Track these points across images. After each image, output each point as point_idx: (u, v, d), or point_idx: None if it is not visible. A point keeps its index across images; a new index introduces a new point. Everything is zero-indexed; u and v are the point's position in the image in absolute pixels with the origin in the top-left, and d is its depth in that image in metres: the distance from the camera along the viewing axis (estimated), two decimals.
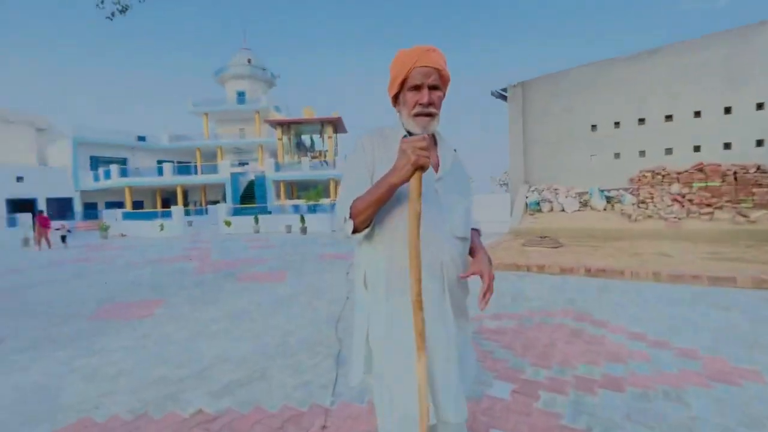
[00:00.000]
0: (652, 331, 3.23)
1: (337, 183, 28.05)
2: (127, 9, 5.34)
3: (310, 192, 20.05)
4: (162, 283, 6.10)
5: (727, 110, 8.90)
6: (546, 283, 5.10)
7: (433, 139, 1.25)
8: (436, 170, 1.17)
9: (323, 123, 27.44)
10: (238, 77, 35.73)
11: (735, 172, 8.39)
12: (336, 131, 28.90)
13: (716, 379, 2.39)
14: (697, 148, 9.23)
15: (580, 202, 10.00)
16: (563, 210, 10.17)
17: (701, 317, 3.53)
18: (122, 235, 18.09)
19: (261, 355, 3.02)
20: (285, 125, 27.65)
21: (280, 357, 2.97)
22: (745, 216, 7.64)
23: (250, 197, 24.82)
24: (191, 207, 30.94)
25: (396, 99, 1.24)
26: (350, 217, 1.09)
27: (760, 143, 8.57)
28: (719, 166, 8.65)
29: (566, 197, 10.24)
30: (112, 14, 5.29)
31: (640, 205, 8.89)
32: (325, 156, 28.45)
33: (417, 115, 1.14)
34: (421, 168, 0.98)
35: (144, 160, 32.05)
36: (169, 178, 27.85)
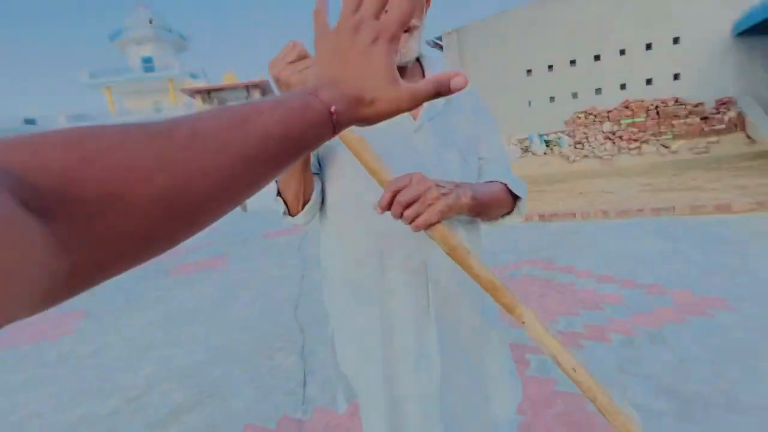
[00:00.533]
0: (616, 271, 3.25)
1: None
2: None
3: None
4: None
5: (648, 46, 9.30)
6: (504, 234, 5.07)
7: (420, 71, 0.83)
8: (415, 116, 0.78)
9: (249, 88, 25.19)
10: (140, 41, 31.23)
11: (657, 107, 8.93)
12: (265, 96, 26.77)
13: (689, 313, 2.40)
14: (623, 86, 9.65)
15: (521, 149, 10.20)
16: None
17: (656, 250, 3.64)
18: None
19: (209, 364, 2.56)
20: (205, 93, 24.97)
21: (233, 363, 2.53)
22: (667, 147, 8.22)
23: None
24: None
25: None
26: (278, 194, 0.77)
27: (676, 77, 9.13)
28: (643, 101, 9.14)
29: (508, 146, 10.37)
30: None
31: (577, 146, 9.24)
32: None
33: None
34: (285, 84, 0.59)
35: None
36: None
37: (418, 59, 0.83)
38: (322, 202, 0.81)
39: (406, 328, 0.77)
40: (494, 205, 0.76)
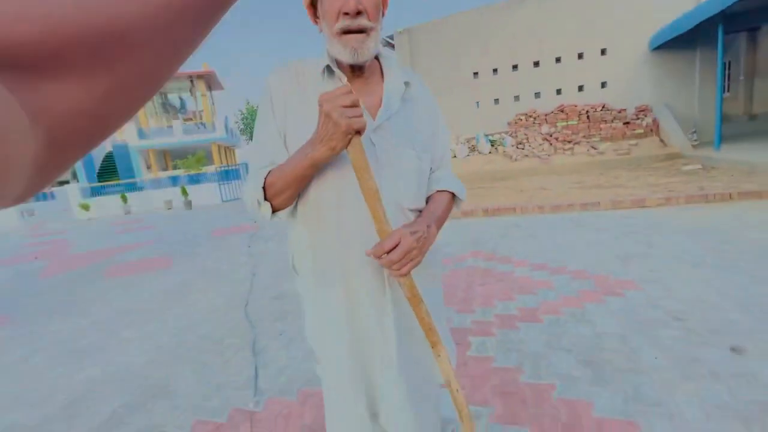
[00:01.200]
0: (550, 259, 3.57)
1: (221, 148, 25.22)
2: None
3: (189, 160, 17.62)
4: None
5: (580, 56, 10.15)
6: (449, 228, 5.33)
7: (378, 68, 0.91)
8: (374, 116, 0.86)
9: (192, 78, 23.79)
10: None
11: (587, 112, 9.77)
12: (210, 88, 25.43)
13: (607, 293, 2.73)
14: (558, 91, 10.44)
15: (469, 148, 10.68)
16: (455, 156, 10.76)
17: (582, 240, 4.05)
18: None
19: (154, 364, 2.48)
20: None
21: (180, 362, 2.47)
22: (595, 149, 9.04)
23: (110, 172, 20.77)
24: None
25: (314, 10, 0.86)
26: (265, 199, 0.82)
27: (603, 85, 10.06)
28: (576, 106, 9.97)
29: (457, 145, 10.81)
30: None
31: (518, 146, 9.87)
32: (201, 117, 25.05)
33: (343, 32, 0.79)
34: (357, 132, 0.71)
35: None
36: None
37: (376, 57, 0.90)
38: None
39: (367, 305, 0.86)
40: (446, 217, 0.93)
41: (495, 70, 10.95)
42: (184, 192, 12.75)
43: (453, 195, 0.96)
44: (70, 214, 14.46)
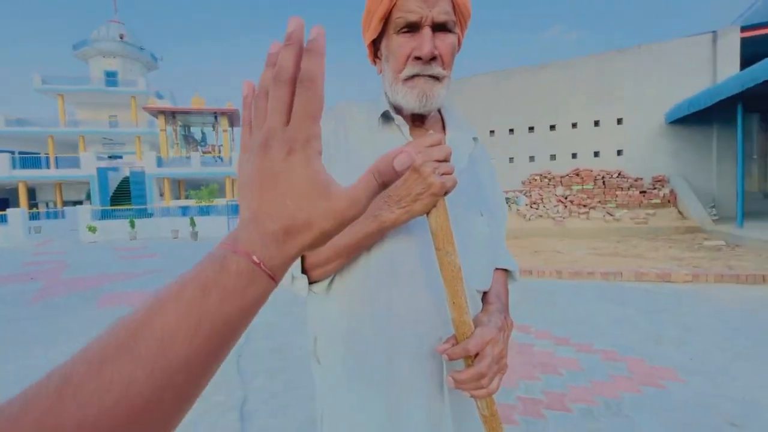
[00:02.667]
0: (573, 333, 3.28)
1: (234, 181, 25.67)
2: None
3: (202, 191, 17.83)
4: None
5: (596, 123, 10.33)
6: None
7: (440, 119, 0.78)
8: None
9: (217, 114, 24.83)
10: (106, 54, 30.26)
11: (603, 177, 9.75)
12: (232, 125, 26.44)
13: (643, 383, 2.42)
14: (574, 155, 10.52)
15: None
16: None
17: (607, 314, 3.75)
18: None
19: None
20: (169, 114, 24.27)
21: None
22: (611, 215, 8.89)
23: (124, 197, 21.05)
24: (41, 209, 25.14)
25: (375, 49, 0.73)
26: (303, 272, 0.63)
27: (620, 153, 10.12)
28: (591, 171, 9.97)
29: None
30: None
31: (532, 205, 9.77)
32: (219, 151, 25.80)
33: (411, 77, 0.66)
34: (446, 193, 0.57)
35: None
36: (6, 171, 22.18)
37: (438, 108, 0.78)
38: None
39: (416, 418, 0.64)
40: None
41: (511, 130, 11.16)
42: (193, 223, 12.72)
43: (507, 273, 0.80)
44: (77, 234, 14.44)
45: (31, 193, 26.29)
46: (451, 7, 0.66)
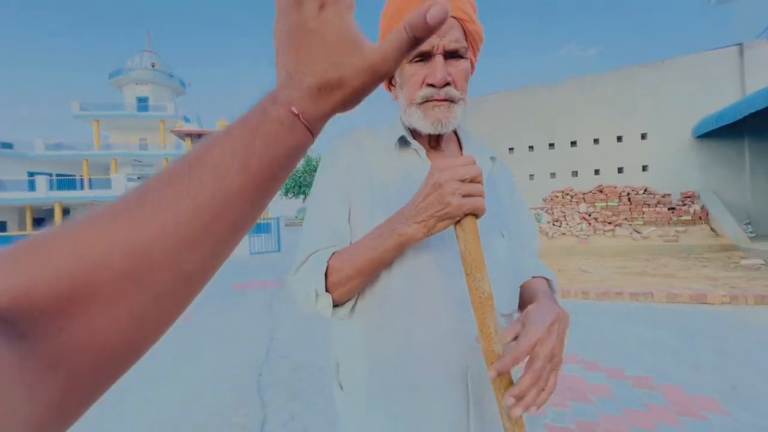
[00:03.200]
0: (602, 357, 3.13)
1: None
2: None
3: None
4: None
5: (619, 138, 10.11)
6: None
7: (456, 140, 0.79)
8: None
9: None
10: (139, 81, 32.01)
11: (628, 194, 9.47)
12: None
13: (682, 414, 2.27)
14: (597, 172, 10.29)
15: None
16: None
17: (638, 337, 3.57)
18: None
19: None
20: (195, 136, 25.25)
21: None
22: (639, 232, 8.58)
23: None
24: None
25: (389, 79, 0.76)
26: (326, 290, 0.63)
27: (645, 168, 9.84)
28: (615, 187, 9.71)
29: None
30: None
31: (555, 223, 9.54)
32: None
33: (426, 101, 0.67)
34: (475, 215, 0.56)
35: (11, 171, 26.55)
36: (44, 192, 23.39)
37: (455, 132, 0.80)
38: None
39: None
40: None
41: (531, 147, 11.05)
42: None
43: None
44: None
45: (66, 212, 27.57)
46: (462, 34, 0.67)
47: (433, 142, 0.74)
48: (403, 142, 0.73)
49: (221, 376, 3.05)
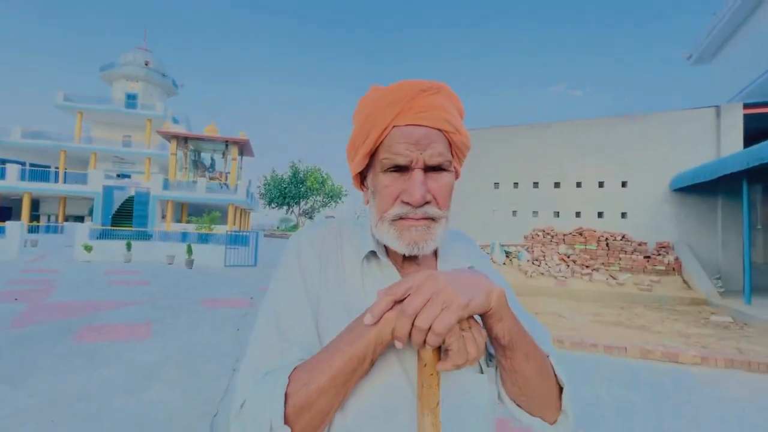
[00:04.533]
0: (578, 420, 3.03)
1: (237, 209, 25.76)
2: None
3: (203, 217, 17.82)
4: None
5: (601, 184, 10.39)
6: None
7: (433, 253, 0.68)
8: None
9: (228, 143, 25.36)
10: (131, 78, 31.51)
11: (606, 239, 9.65)
12: (242, 153, 26.94)
13: None
14: (578, 214, 10.50)
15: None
16: None
17: (611, 396, 3.51)
18: None
19: None
20: (181, 139, 24.80)
21: None
22: (615, 278, 8.70)
23: (125, 217, 21.05)
24: (42, 222, 25.11)
25: (362, 179, 0.67)
26: (285, 422, 0.48)
27: (624, 215, 10.09)
28: (595, 231, 9.90)
29: None
30: None
31: (534, 262, 9.61)
32: (226, 178, 26.09)
33: (399, 218, 0.58)
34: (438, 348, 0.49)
35: None
36: (14, 181, 22.38)
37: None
38: None
39: None
40: (531, 351, 0.57)
41: (516, 184, 11.24)
42: (189, 250, 12.56)
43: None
44: (71, 252, 14.26)
45: (35, 204, 26.40)
46: (447, 145, 0.59)
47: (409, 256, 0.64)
48: (372, 256, 0.64)
49: (171, 411, 2.81)
